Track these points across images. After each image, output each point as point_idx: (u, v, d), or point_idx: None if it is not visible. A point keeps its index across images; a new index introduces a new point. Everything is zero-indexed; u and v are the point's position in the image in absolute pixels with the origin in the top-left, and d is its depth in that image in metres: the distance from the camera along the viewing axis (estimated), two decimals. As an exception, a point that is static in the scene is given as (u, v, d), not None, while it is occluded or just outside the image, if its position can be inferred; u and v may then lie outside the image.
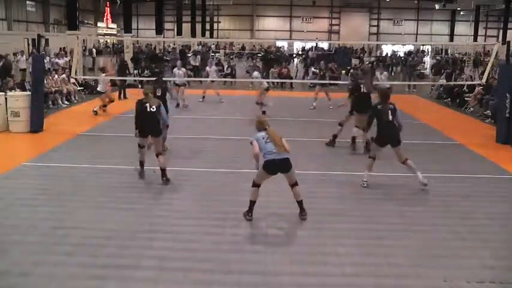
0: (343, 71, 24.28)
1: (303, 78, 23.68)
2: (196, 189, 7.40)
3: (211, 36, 50.45)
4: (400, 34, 56.20)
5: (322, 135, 10.73)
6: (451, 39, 55.45)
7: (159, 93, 9.95)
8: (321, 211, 6.57)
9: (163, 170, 7.60)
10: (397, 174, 8.12)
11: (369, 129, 8.08)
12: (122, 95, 17.01)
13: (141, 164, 8.00)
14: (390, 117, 7.36)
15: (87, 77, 19.32)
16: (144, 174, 7.94)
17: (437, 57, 40.61)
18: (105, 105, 13.78)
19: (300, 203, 6.23)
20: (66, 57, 22.38)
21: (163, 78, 11.24)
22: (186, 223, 6.08)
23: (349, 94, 10.34)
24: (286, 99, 17.80)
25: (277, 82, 21.54)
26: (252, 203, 6.15)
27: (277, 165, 5.99)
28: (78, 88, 17.08)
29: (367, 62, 27.66)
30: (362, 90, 9.91)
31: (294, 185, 6.19)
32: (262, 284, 4.69)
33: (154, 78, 11.23)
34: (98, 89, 14.39)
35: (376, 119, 7.50)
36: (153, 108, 7.67)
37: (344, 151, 10.03)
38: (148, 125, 7.69)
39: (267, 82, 15.59)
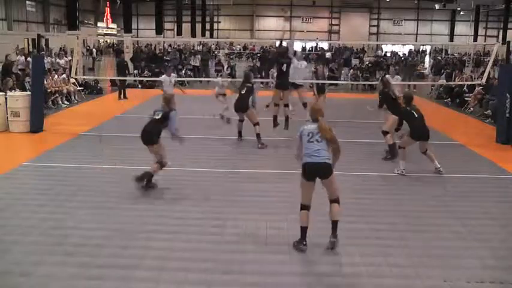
0: (343, 72, 24.31)
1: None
2: (196, 189, 7.40)
3: (211, 36, 50.48)
4: (400, 34, 56.22)
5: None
6: (451, 39, 55.46)
7: (243, 92, 10.00)
8: (321, 211, 6.56)
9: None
10: (396, 174, 8.14)
11: (400, 128, 8.91)
12: (122, 95, 17.02)
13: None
14: (418, 116, 8.16)
15: (87, 77, 19.34)
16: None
17: (437, 57, 40.59)
18: None
19: (334, 223, 5.37)
20: (66, 57, 22.39)
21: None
22: (186, 223, 6.07)
23: (380, 105, 10.64)
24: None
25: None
26: (303, 229, 5.33)
27: (315, 169, 5.24)
28: (78, 88, 17.08)
29: (367, 62, 27.66)
30: (392, 97, 10.14)
31: (334, 201, 5.36)
32: (262, 284, 4.69)
33: (244, 76, 10.70)
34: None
35: (408, 120, 8.28)
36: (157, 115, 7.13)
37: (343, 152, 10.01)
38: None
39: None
